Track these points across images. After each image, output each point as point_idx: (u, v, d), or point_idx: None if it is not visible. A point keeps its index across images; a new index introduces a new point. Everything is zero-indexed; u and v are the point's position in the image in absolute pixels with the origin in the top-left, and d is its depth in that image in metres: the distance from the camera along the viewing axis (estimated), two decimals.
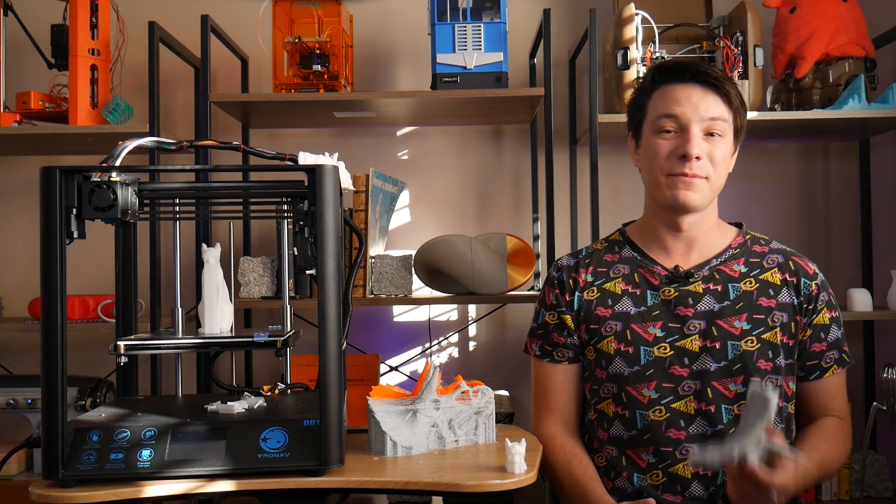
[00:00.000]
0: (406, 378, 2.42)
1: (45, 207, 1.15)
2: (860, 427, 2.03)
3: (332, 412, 1.18)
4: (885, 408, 1.82)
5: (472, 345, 2.48)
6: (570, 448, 1.46)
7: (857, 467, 2.12)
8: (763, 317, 1.40)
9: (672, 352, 1.39)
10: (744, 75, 2.04)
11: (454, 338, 2.47)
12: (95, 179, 1.19)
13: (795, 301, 1.43)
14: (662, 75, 1.43)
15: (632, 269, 1.48)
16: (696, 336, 1.39)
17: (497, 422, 1.67)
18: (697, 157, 1.37)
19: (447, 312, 2.47)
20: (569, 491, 1.42)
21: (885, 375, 1.82)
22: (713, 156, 1.39)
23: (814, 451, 1.36)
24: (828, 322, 1.44)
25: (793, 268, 1.45)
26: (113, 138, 2.10)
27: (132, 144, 1.27)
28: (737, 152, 1.48)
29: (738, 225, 1.53)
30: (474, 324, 2.47)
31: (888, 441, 2.31)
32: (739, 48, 2.04)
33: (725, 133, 1.41)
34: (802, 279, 1.44)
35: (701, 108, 1.39)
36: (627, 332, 1.42)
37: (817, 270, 1.47)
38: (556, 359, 1.50)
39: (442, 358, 2.47)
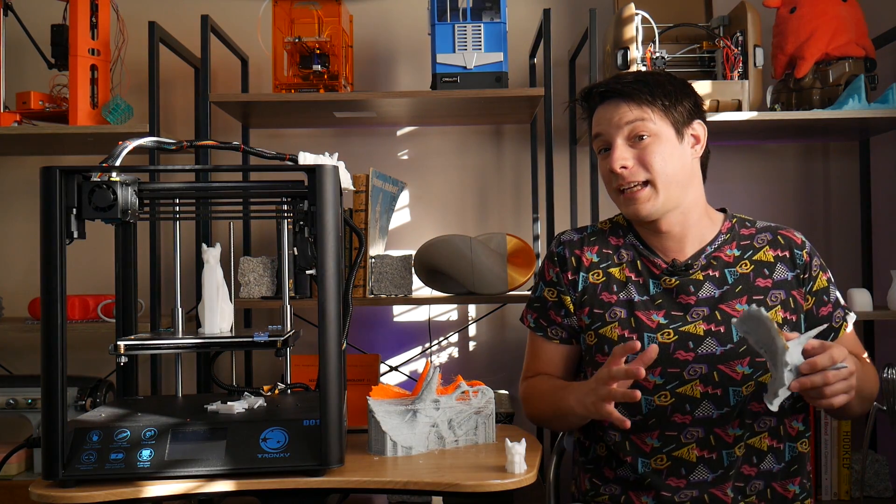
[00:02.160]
0: (406, 378, 2.42)
1: (45, 207, 1.15)
2: (860, 427, 2.03)
3: (332, 412, 1.18)
4: (885, 408, 1.82)
5: (472, 345, 2.48)
6: (552, 377, 1.51)
7: (857, 467, 2.12)
8: (762, 297, 1.42)
9: (676, 337, 1.40)
10: (744, 75, 2.04)
11: (454, 338, 2.47)
12: (95, 179, 1.19)
13: (790, 275, 1.44)
14: (588, 102, 1.49)
15: (635, 257, 1.49)
16: (701, 321, 1.41)
17: (497, 422, 1.68)
18: (624, 167, 1.40)
19: (447, 312, 2.47)
20: (551, 391, 1.44)
21: (885, 375, 1.82)
22: (644, 158, 1.39)
23: (852, 357, 1.33)
24: (826, 285, 1.46)
25: (782, 242, 1.47)
26: (113, 138, 2.10)
27: (132, 144, 1.27)
28: (701, 143, 1.45)
29: (723, 210, 1.54)
30: (474, 324, 2.47)
31: (888, 441, 2.31)
32: (739, 48, 2.04)
33: (655, 131, 1.40)
34: (794, 251, 1.46)
35: (615, 119, 1.41)
36: (632, 319, 1.43)
37: (804, 239, 1.49)
38: (549, 336, 1.52)
39: (442, 358, 2.47)
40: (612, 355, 1.26)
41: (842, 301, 1.49)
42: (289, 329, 1.40)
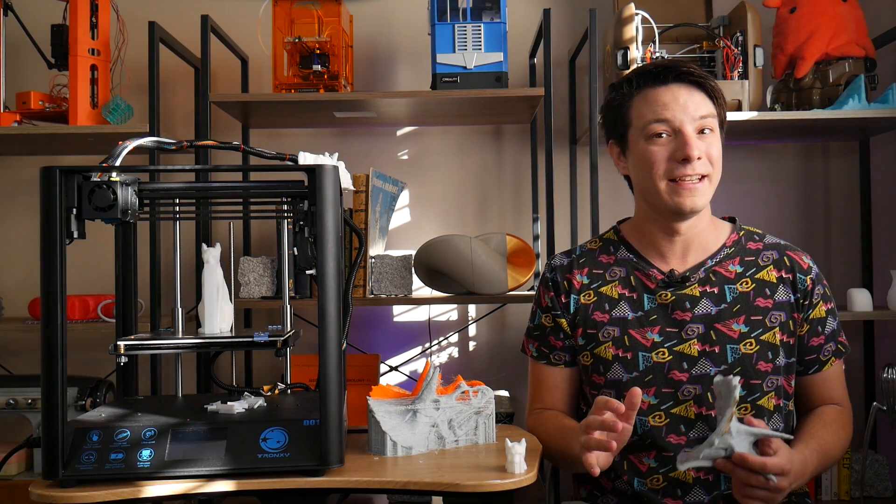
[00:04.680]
0: (406, 378, 2.42)
1: (45, 207, 1.15)
2: (860, 427, 2.03)
3: (332, 412, 1.18)
4: (885, 408, 1.82)
5: (472, 345, 2.48)
6: (559, 414, 1.49)
7: (857, 467, 2.12)
8: (761, 318, 1.40)
9: (671, 357, 1.39)
10: (744, 75, 2.04)
11: (454, 338, 2.47)
12: (95, 179, 1.19)
13: (792, 298, 1.42)
14: (643, 80, 1.41)
15: (628, 272, 1.46)
16: (695, 340, 1.39)
17: (497, 422, 1.68)
18: (698, 158, 1.36)
19: (447, 312, 2.47)
20: (560, 433, 1.42)
21: (885, 375, 1.82)
22: (710, 154, 1.38)
23: (812, 439, 1.35)
24: (824, 315, 1.44)
25: (788, 263, 1.44)
26: (113, 138, 2.10)
27: (132, 144, 1.27)
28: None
29: (732, 220, 1.52)
30: (474, 324, 2.47)
31: (888, 441, 2.31)
32: (739, 48, 2.04)
33: (715, 128, 1.40)
34: (798, 275, 1.43)
35: (690, 107, 1.37)
36: (625, 337, 1.41)
37: (811, 264, 1.46)
38: (552, 361, 1.50)
39: (442, 358, 2.47)
40: (595, 405, 1.25)
41: (840, 335, 1.46)
42: (289, 329, 1.40)
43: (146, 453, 1.18)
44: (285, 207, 1.32)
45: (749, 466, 1.18)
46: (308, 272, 1.28)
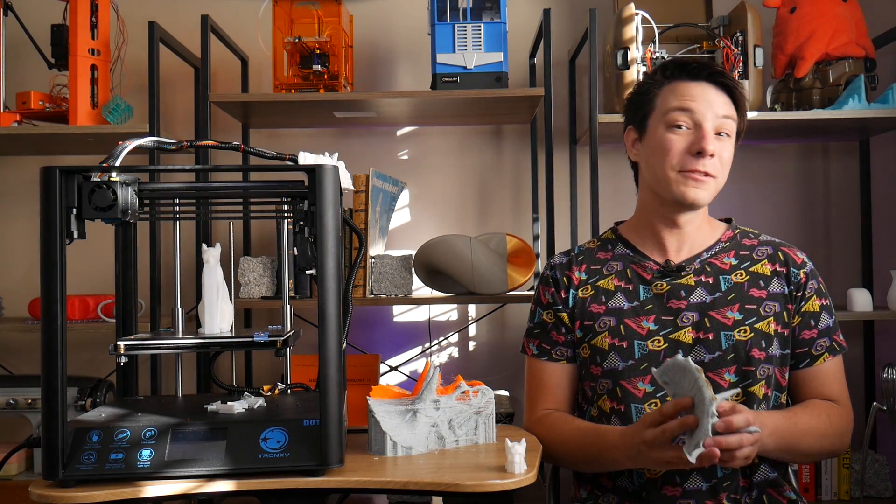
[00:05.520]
0: (406, 378, 2.42)
1: (45, 207, 1.15)
2: (860, 427, 2.03)
3: (332, 412, 1.18)
4: (885, 408, 1.82)
5: (472, 345, 2.48)
6: (566, 415, 1.48)
7: (857, 467, 2.12)
8: (755, 307, 1.41)
9: (666, 344, 1.40)
10: (744, 75, 2.04)
11: (454, 338, 2.47)
12: (95, 179, 1.19)
13: (786, 290, 1.44)
14: (677, 71, 1.45)
15: (624, 266, 1.49)
16: (690, 328, 1.41)
17: (497, 422, 1.67)
18: (711, 155, 1.39)
19: (447, 312, 2.47)
20: (580, 440, 1.40)
21: (885, 375, 1.82)
22: (722, 155, 1.41)
23: (786, 412, 1.37)
24: (817, 310, 1.44)
25: (782, 258, 1.47)
26: (113, 138, 2.10)
27: (132, 144, 1.27)
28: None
29: (728, 221, 1.55)
30: (474, 324, 2.47)
31: (888, 441, 2.31)
32: (739, 48, 2.04)
33: (732, 134, 1.44)
34: (791, 268, 1.45)
35: (715, 106, 1.41)
36: (621, 326, 1.43)
37: (806, 259, 1.48)
38: (554, 357, 1.50)
39: (442, 358, 2.47)
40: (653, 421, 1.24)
41: (836, 333, 1.45)
42: (289, 329, 1.40)
43: (146, 453, 1.18)
44: (285, 207, 1.32)
45: (737, 429, 1.19)
46: (308, 272, 1.28)
